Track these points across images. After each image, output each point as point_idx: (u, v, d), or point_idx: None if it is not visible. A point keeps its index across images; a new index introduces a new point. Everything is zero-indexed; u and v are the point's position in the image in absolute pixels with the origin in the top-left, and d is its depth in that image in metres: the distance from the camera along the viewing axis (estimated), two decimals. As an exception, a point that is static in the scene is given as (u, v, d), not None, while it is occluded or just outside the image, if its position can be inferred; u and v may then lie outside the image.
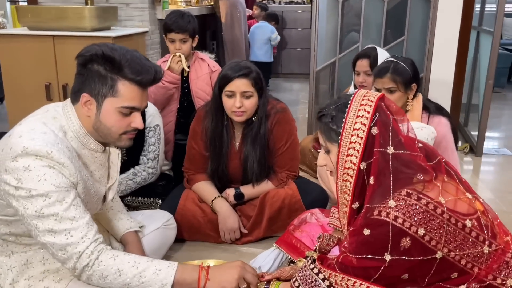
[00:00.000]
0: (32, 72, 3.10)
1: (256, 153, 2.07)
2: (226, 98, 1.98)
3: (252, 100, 1.98)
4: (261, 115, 2.04)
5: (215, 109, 2.05)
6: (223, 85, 1.97)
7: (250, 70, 1.96)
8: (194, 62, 2.66)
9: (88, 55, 1.36)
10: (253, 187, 2.15)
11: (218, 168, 2.12)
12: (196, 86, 2.62)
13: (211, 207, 2.11)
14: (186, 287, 1.37)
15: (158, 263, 1.34)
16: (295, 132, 2.18)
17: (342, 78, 3.58)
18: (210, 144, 2.10)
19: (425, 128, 2.06)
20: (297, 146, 2.18)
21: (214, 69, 2.66)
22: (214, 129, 2.07)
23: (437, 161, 1.29)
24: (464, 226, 1.18)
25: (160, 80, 1.45)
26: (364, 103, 1.24)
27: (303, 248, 1.66)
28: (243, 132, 2.10)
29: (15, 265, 1.40)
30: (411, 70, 2.13)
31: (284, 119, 2.11)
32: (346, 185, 1.26)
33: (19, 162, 1.26)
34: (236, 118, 2.00)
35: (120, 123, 1.40)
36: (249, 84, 1.95)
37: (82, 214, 1.31)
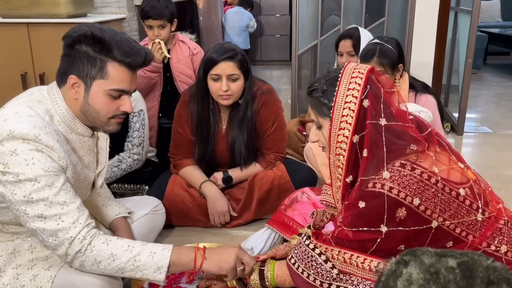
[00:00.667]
0: (6, 62, 3.00)
1: (244, 136, 2.05)
2: (212, 81, 1.94)
3: (239, 83, 1.94)
4: (247, 98, 2.01)
5: (200, 93, 2.01)
6: (209, 68, 1.92)
7: (236, 53, 1.92)
8: (175, 45, 2.61)
9: (76, 35, 1.31)
10: (241, 170, 2.13)
11: (206, 153, 2.09)
12: (177, 70, 2.58)
13: (200, 191, 2.09)
14: (182, 268, 1.35)
15: (152, 246, 1.31)
16: (282, 113, 2.16)
17: (324, 61, 3.58)
18: (196, 128, 2.07)
19: (423, 112, 2.07)
20: (284, 127, 2.17)
21: (195, 52, 2.62)
22: (200, 114, 2.04)
23: (428, 132, 1.30)
24: (458, 194, 1.19)
25: (150, 62, 1.41)
26: (355, 75, 1.23)
27: (296, 226, 1.65)
28: (229, 115, 2.08)
29: (1, 254, 1.36)
30: (396, 51, 2.13)
31: (271, 100, 2.09)
32: (339, 159, 1.25)
33: (5, 146, 1.21)
34: (222, 102, 1.97)
35: (109, 106, 1.36)
36: (235, 67, 1.91)
37: (73, 199, 1.27)
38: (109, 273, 1.28)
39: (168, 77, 2.61)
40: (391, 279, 0.57)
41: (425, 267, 0.57)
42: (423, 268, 0.57)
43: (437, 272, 0.55)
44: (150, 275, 1.27)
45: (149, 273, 1.27)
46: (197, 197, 2.09)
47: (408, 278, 0.56)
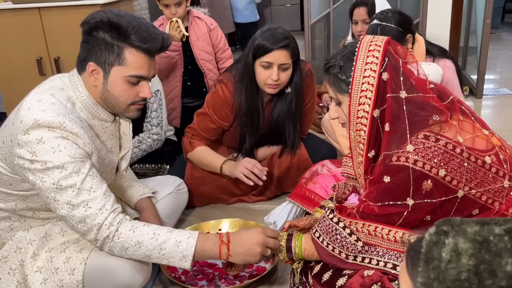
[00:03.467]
0: (21, 48, 3.02)
1: (296, 125, 2.00)
2: (261, 68, 1.84)
3: (288, 72, 1.85)
4: (297, 86, 1.92)
5: (248, 79, 1.89)
6: (260, 55, 1.81)
7: (290, 41, 1.82)
8: (192, 23, 2.58)
9: (94, 22, 1.30)
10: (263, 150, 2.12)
11: (253, 141, 2.02)
12: (198, 48, 2.56)
13: (222, 173, 2.02)
14: (206, 258, 1.36)
15: (178, 234, 1.31)
16: (315, 93, 2.11)
17: (337, 30, 3.52)
18: (243, 117, 1.98)
19: (432, 65, 2.04)
20: (314, 108, 2.13)
21: (212, 27, 2.59)
22: (250, 100, 1.93)
23: (450, 100, 1.28)
24: (484, 162, 1.18)
25: (168, 47, 1.40)
26: (372, 48, 1.21)
27: (318, 199, 1.66)
28: (269, 100, 2.00)
29: (34, 239, 1.40)
30: (400, 25, 2.04)
31: (311, 83, 2.03)
32: (360, 135, 1.24)
33: (32, 135, 1.23)
34: (268, 90, 1.88)
35: (128, 92, 1.36)
36: (288, 56, 1.82)
37: (99, 185, 1.29)
38: (137, 258, 1.31)
39: (189, 55, 2.59)
40: (434, 250, 0.55)
41: (471, 236, 0.54)
42: (468, 237, 0.54)
43: (486, 240, 0.53)
44: (176, 263, 1.29)
45: (175, 261, 1.29)
46: (216, 177, 2.08)
47: (454, 248, 0.53)
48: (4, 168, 1.32)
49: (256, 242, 1.35)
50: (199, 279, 1.60)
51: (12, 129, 1.27)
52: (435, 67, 2.03)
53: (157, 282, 1.65)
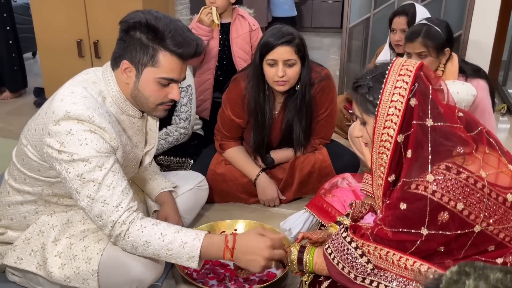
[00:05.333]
0: (63, 29, 3.11)
1: (302, 123, 2.01)
2: (267, 67, 1.87)
3: (295, 69, 1.88)
4: (304, 84, 1.94)
5: (256, 79, 1.94)
6: (265, 53, 1.86)
7: (293, 37, 1.84)
8: (235, 20, 2.60)
9: (132, 22, 1.34)
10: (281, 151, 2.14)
11: (261, 139, 2.06)
12: (236, 46, 2.58)
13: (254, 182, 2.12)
14: (212, 259, 1.38)
15: (184, 234, 1.33)
16: (336, 100, 2.11)
17: (376, 35, 3.46)
18: (251, 116, 2.03)
19: (466, 84, 2.00)
20: (335, 114, 2.12)
21: (254, 28, 2.61)
22: (256, 101, 1.98)
23: (478, 132, 1.25)
24: (505, 200, 1.15)
25: (201, 53, 1.43)
26: (403, 73, 1.19)
27: (334, 212, 1.66)
28: (284, 101, 2.03)
29: (57, 224, 1.46)
30: (444, 34, 2.03)
31: (329, 87, 2.03)
32: (382, 158, 1.23)
33: (62, 126, 1.28)
34: (278, 88, 1.91)
35: (158, 93, 1.40)
36: (292, 52, 1.84)
37: (119, 181, 1.33)
38: (147, 257, 1.35)
39: (226, 51, 2.61)
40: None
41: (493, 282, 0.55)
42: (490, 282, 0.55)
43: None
44: (184, 262, 1.32)
45: (183, 261, 1.32)
46: (238, 176, 2.14)
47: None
48: (34, 154, 1.38)
49: (262, 255, 1.34)
50: (210, 278, 1.63)
51: (45, 118, 1.33)
52: (469, 87, 1.98)
53: (170, 276, 1.69)
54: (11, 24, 3.64)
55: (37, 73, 3.35)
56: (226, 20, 2.60)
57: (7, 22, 3.61)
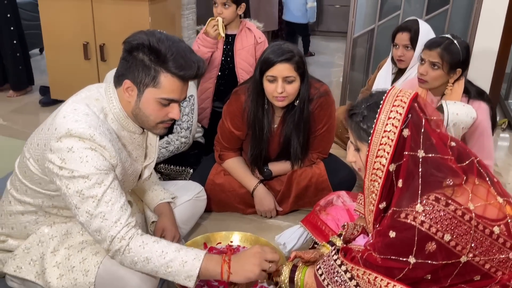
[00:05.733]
0: (70, 32, 3.16)
1: (300, 138, 2.05)
2: (267, 82, 1.91)
3: (294, 85, 1.91)
4: (303, 99, 1.97)
5: (256, 94, 1.98)
6: (265, 69, 1.89)
7: (293, 54, 1.88)
8: (241, 32, 2.62)
9: (135, 43, 1.37)
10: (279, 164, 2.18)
11: (258, 152, 2.11)
12: (240, 57, 2.61)
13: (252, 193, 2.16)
14: (210, 278, 1.42)
15: (185, 254, 1.37)
16: (334, 115, 2.14)
17: (380, 47, 3.48)
18: (250, 129, 2.07)
19: (467, 106, 2.01)
20: (333, 129, 2.15)
21: (259, 41, 2.62)
22: (254, 114, 2.02)
23: (469, 162, 1.28)
24: (491, 232, 1.18)
25: (203, 75, 1.46)
26: (397, 104, 1.22)
27: (328, 231, 1.70)
28: (283, 115, 2.06)
29: (56, 235, 1.50)
30: (463, 54, 2.04)
31: (327, 103, 2.06)
32: (374, 185, 1.26)
33: (63, 143, 1.32)
34: (277, 103, 1.95)
35: (158, 112, 1.43)
36: (292, 69, 1.87)
37: (118, 198, 1.36)
38: (145, 272, 1.38)
39: (229, 61, 2.64)
40: None
41: None
42: None
43: None
44: (181, 281, 1.35)
45: (180, 279, 1.35)
46: (236, 187, 2.17)
47: None
48: (36, 168, 1.42)
49: (254, 259, 1.41)
50: (203, 289, 1.67)
51: (48, 134, 1.37)
52: (469, 109, 2.00)
53: (165, 287, 1.73)
54: (15, 24, 3.67)
55: (44, 69, 3.39)
56: (233, 31, 2.63)
57: (11, 22, 3.64)
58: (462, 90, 2.10)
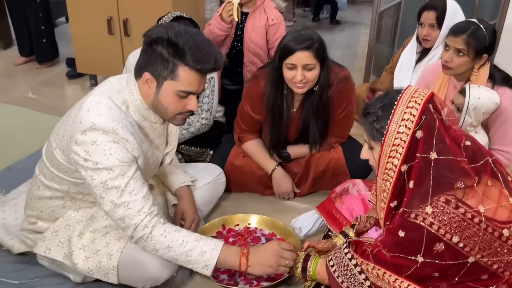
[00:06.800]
0: (93, 7, 3.17)
1: (318, 123, 2.06)
2: (287, 70, 1.91)
3: (314, 72, 1.90)
4: (322, 85, 1.97)
5: (275, 80, 1.98)
6: (284, 57, 1.88)
7: (313, 42, 1.86)
8: (255, 11, 2.58)
9: (154, 36, 1.40)
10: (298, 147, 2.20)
11: (277, 137, 2.13)
12: (249, 38, 2.58)
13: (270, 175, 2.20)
14: (227, 267, 1.50)
15: (204, 243, 1.44)
16: (354, 101, 2.13)
17: (406, 21, 3.37)
18: (269, 114, 2.09)
19: (490, 91, 1.98)
20: (353, 114, 2.15)
21: (271, 23, 2.58)
22: (273, 100, 2.03)
23: (483, 162, 1.27)
24: (501, 235, 1.20)
25: (220, 67, 1.50)
26: (411, 105, 1.22)
27: (342, 220, 1.74)
28: (302, 100, 2.06)
29: (81, 219, 1.59)
30: (489, 39, 1.98)
31: (347, 88, 2.05)
32: (385, 184, 1.28)
33: (88, 136, 1.38)
34: (297, 90, 1.95)
35: (176, 104, 1.47)
36: (311, 56, 1.86)
37: (140, 188, 1.43)
38: (165, 259, 1.47)
39: (239, 40, 2.63)
40: None
41: None
42: None
43: None
44: (199, 269, 1.43)
45: (198, 268, 1.43)
46: (255, 169, 2.21)
47: None
48: (62, 158, 1.49)
49: (272, 255, 1.48)
50: (221, 272, 1.74)
51: (73, 126, 1.43)
52: (493, 94, 1.96)
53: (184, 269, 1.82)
54: None
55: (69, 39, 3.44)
56: (249, 9, 2.59)
57: None
58: (487, 75, 2.05)
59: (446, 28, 2.44)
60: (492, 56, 3.18)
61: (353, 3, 6.60)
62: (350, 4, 6.42)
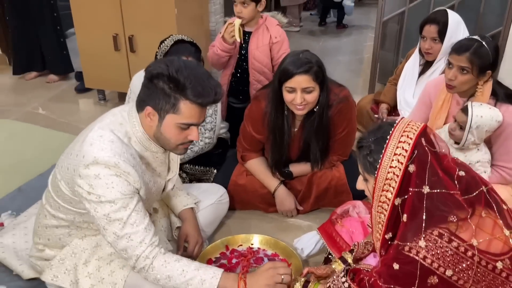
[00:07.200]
0: (100, 24, 3.23)
1: (319, 142, 2.09)
2: (286, 92, 1.93)
3: (314, 94, 1.92)
4: (322, 105, 1.99)
5: (275, 101, 2.01)
6: (284, 80, 1.91)
7: (311, 65, 1.88)
8: (258, 30, 2.61)
9: (155, 72, 1.45)
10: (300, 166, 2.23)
11: (281, 158, 2.16)
12: (254, 57, 2.61)
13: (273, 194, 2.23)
14: None
15: (204, 272, 1.48)
16: (355, 119, 2.15)
17: (410, 30, 3.36)
18: (271, 134, 2.11)
19: (493, 109, 1.97)
20: (353, 132, 2.16)
21: (275, 40, 2.60)
22: (274, 122, 2.06)
23: (478, 193, 1.29)
24: (494, 267, 1.21)
25: (219, 100, 1.54)
26: (403, 140, 1.24)
27: (342, 243, 1.76)
28: (303, 120, 2.09)
29: (87, 248, 1.64)
30: (492, 56, 1.97)
31: (347, 108, 2.07)
32: (380, 217, 1.30)
33: (91, 170, 1.43)
34: (297, 112, 1.97)
35: (178, 136, 1.52)
36: (310, 80, 1.88)
37: (142, 219, 1.47)
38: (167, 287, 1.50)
39: (243, 59, 2.66)
40: None
41: None
42: None
43: None
44: None
45: None
46: (258, 187, 2.25)
47: None
48: (67, 189, 1.54)
49: (269, 276, 1.52)
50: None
51: (76, 160, 1.47)
52: (495, 112, 1.95)
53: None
54: (57, 10, 3.79)
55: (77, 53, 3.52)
56: (251, 28, 2.62)
57: (55, 9, 3.78)
58: (490, 92, 2.04)
59: (448, 41, 2.45)
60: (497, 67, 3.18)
61: (360, 5, 6.59)
62: (357, 6, 6.40)
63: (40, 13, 3.74)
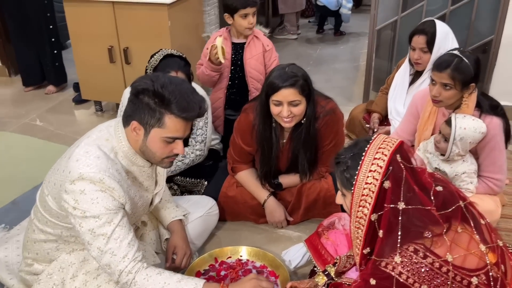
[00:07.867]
0: (95, 37, 3.27)
1: (307, 154, 2.11)
2: (273, 105, 1.96)
3: (300, 107, 1.94)
4: (309, 118, 2.01)
5: (263, 114, 2.04)
6: (270, 93, 1.94)
7: (297, 79, 1.91)
8: (250, 42, 2.67)
9: (141, 88, 1.49)
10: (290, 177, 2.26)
11: (270, 169, 2.19)
12: (250, 66, 2.67)
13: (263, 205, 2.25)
14: None
15: (185, 284, 1.50)
16: (342, 130, 2.17)
17: (403, 40, 3.37)
18: (259, 146, 2.14)
19: (476, 120, 1.98)
20: (341, 144, 2.18)
21: (267, 48, 2.68)
22: (262, 134, 2.09)
23: (454, 208, 1.30)
24: (469, 283, 1.22)
25: (204, 114, 1.57)
26: (378, 157, 1.26)
27: (327, 256, 1.78)
28: (291, 132, 2.11)
29: (74, 262, 1.66)
30: (473, 69, 1.98)
31: (333, 121, 2.09)
32: (358, 232, 1.32)
33: (76, 186, 1.46)
34: (284, 124, 1.99)
35: (164, 149, 1.55)
36: (296, 93, 1.90)
37: (126, 235, 1.50)
38: None
39: (238, 70, 2.70)
40: None
41: None
42: None
43: None
44: None
45: None
46: (248, 199, 2.27)
47: None
48: (54, 204, 1.57)
49: (249, 282, 1.56)
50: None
51: (63, 176, 1.51)
52: (478, 123, 1.97)
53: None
54: (53, 22, 3.85)
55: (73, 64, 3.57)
56: (241, 40, 2.68)
57: (51, 21, 3.83)
58: (474, 104, 2.05)
59: (437, 51, 2.47)
60: (489, 74, 3.19)
61: (358, 11, 6.61)
62: (355, 12, 6.43)
63: (37, 25, 3.80)
